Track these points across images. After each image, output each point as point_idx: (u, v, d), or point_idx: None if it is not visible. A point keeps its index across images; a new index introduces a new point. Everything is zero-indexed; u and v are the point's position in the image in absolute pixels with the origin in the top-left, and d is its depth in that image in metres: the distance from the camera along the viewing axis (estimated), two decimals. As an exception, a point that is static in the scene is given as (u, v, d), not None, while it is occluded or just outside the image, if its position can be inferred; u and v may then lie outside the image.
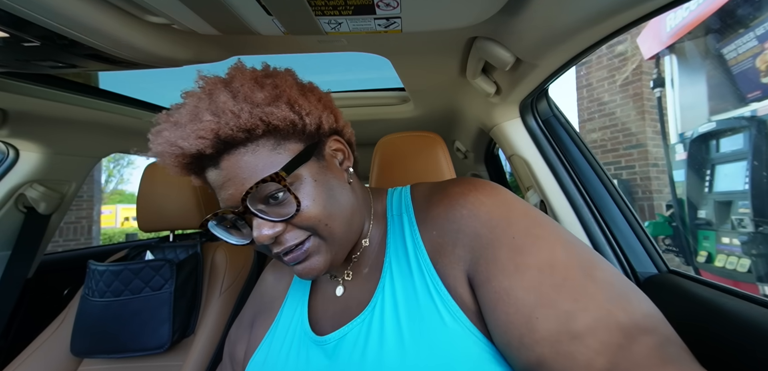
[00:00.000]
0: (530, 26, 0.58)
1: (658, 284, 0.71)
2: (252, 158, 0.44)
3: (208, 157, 0.44)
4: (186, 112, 0.43)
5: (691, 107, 3.03)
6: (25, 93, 0.87)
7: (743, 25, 2.60)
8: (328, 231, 0.47)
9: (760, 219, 2.23)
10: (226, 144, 0.43)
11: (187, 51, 0.71)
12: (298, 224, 0.45)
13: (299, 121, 0.46)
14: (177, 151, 0.43)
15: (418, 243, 0.50)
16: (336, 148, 0.52)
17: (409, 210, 0.54)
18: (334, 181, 0.49)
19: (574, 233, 0.82)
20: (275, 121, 0.43)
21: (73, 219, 4.86)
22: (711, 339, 0.53)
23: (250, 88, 0.44)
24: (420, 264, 0.48)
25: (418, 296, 0.46)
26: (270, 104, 0.44)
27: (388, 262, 0.51)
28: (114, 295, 0.99)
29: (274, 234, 0.44)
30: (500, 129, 1.00)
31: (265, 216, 0.44)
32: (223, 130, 0.41)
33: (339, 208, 0.48)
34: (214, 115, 0.42)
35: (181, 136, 0.42)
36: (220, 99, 0.43)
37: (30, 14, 0.49)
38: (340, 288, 0.56)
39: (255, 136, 0.44)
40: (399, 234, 0.53)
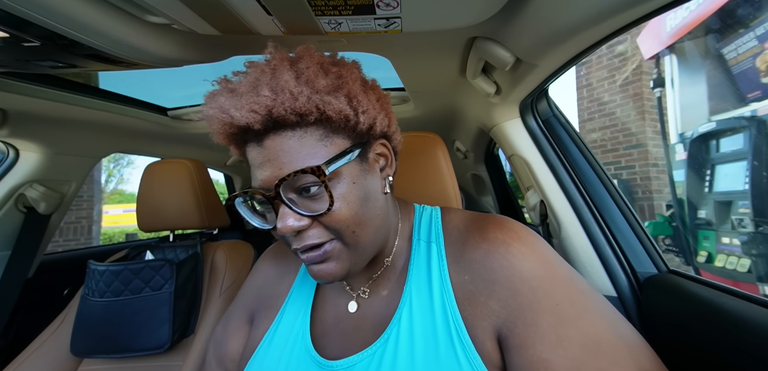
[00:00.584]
0: (530, 26, 0.58)
1: (658, 284, 0.71)
2: (297, 144, 0.42)
3: (254, 131, 0.42)
4: (246, 82, 0.42)
5: (691, 107, 3.02)
6: (25, 93, 0.87)
7: (743, 25, 2.60)
8: (353, 238, 0.44)
9: (760, 219, 2.23)
10: (275, 123, 0.41)
11: (187, 51, 0.71)
12: (326, 223, 0.43)
13: (353, 117, 0.44)
14: (226, 119, 0.42)
15: (446, 282, 0.47)
16: (381, 153, 0.50)
17: (440, 242, 0.51)
18: (372, 187, 0.47)
19: (575, 233, 0.83)
20: (330, 111, 0.42)
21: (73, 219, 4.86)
22: (711, 339, 0.53)
23: (315, 73, 0.43)
24: (445, 305, 0.45)
25: (439, 338, 0.44)
26: (330, 93, 0.42)
27: (408, 292, 0.48)
28: (114, 295, 0.99)
29: (299, 227, 0.42)
30: (500, 129, 1.00)
31: (295, 207, 0.42)
32: (278, 109, 0.40)
33: (370, 217, 0.45)
34: (272, 91, 0.41)
35: (234, 105, 0.41)
36: (283, 77, 0.41)
37: (30, 14, 0.49)
38: (353, 304, 0.52)
39: (306, 121, 0.42)
40: (424, 264, 0.50)
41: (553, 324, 0.40)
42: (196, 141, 1.47)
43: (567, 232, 0.84)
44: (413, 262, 0.51)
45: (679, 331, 0.60)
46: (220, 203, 1.23)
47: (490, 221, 0.49)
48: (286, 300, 0.58)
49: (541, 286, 0.42)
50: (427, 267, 0.49)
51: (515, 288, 0.42)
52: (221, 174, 2.21)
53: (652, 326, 0.68)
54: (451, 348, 0.43)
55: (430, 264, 0.49)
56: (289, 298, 0.57)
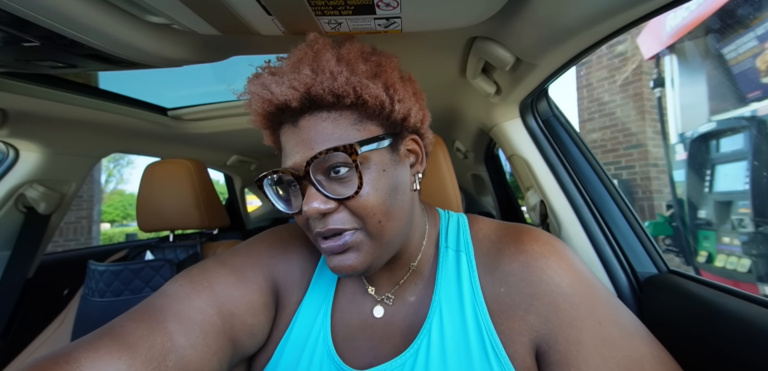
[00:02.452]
0: (530, 26, 0.58)
1: (658, 284, 0.71)
2: (331, 126, 0.42)
3: (291, 110, 0.43)
4: (289, 63, 0.44)
5: (691, 107, 3.02)
6: (25, 93, 0.87)
7: (743, 25, 2.60)
8: (378, 228, 0.43)
9: (760, 219, 2.23)
10: (312, 102, 0.42)
11: (187, 51, 0.71)
12: (352, 208, 0.42)
13: (389, 104, 0.44)
14: (266, 95, 0.42)
15: (478, 293, 0.46)
16: (412, 149, 0.49)
17: (470, 251, 0.50)
18: (401, 180, 0.46)
19: (575, 233, 0.83)
20: (367, 95, 0.42)
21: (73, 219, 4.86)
22: (711, 339, 0.53)
23: (355, 57, 0.44)
24: (477, 316, 0.45)
25: (471, 349, 0.43)
26: (368, 78, 0.43)
27: (438, 300, 0.47)
28: (114, 295, 0.99)
29: (325, 210, 0.41)
30: (500, 129, 1.00)
31: (323, 189, 0.41)
32: (316, 88, 0.41)
33: (397, 209, 0.44)
34: (313, 71, 0.42)
35: (275, 81, 0.42)
36: (325, 57, 0.43)
37: (30, 14, 0.49)
38: (379, 309, 0.50)
39: (342, 103, 0.42)
40: (454, 273, 0.49)
41: (597, 344, 0.40)
42: (196, 141, 1.47)
43: (567, 232, 0.84)
44: (441, 270, 0.50)
45: (679, 331, 0.60)
46: (220, 203, 1.23)
47: (525, 233, 0.48)
48: (304, 298, 0.53)
49: (583, 303, 0.42)
50: (457, 276, 0.48)
51: (556, 304, 0.42)
52: (221, 174, 2.21)
53: (652, 326, 0.68)
54: (485, 360, 0.42)
55: (460, 274, 0.48)
56: (307, 298, 0.53)
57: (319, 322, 0.50)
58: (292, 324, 0.51)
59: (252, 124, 0.48)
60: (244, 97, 0.47)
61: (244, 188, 2.40)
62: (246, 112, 0.53)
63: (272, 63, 0.47)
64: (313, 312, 0.51)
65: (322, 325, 0.50)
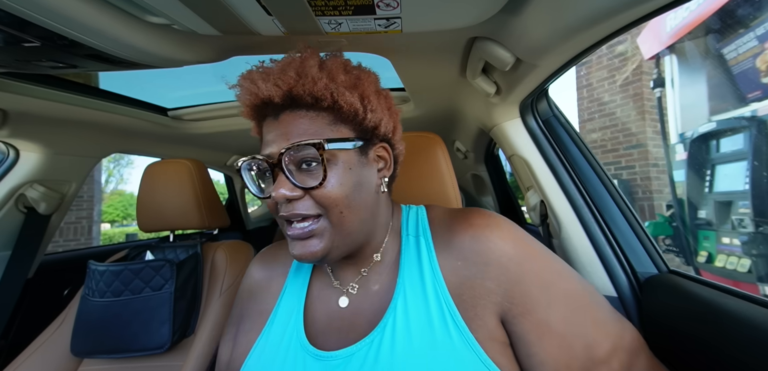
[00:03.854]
0: (530, 26, 0.58)
1: (658, 284, 0.71)
2: (308, 123, 0.48)
3: (273, 105, 0.49)
4: (278, 65, 0.50)
5: (691, 107, 3.02)
6: (25, 93, 0.87)
7: (743, 25, 2.60)
8: (340, 218, 0.48)
9: (760, 220, 2.23)
10: (293, 100, 0.48)
11: (187, 51, 0.71)
12: (316, 198, 0.47)
13: (362, 112, 0.50)
14: (253, 89, 0.49)
15: (437, 271, 0.51)
16: (381, 155, 0.55)
17: (427, 235, 0.55)
18: (366, 180, 0.51)
19: (575, 233, 0.83)
20: (342, 101, 0.48)
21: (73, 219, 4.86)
22: (711, 339, 0.53)
23: (337, 69, 0.50)
24: (437, 293, 0.49)
25: (434, 324, 0.47)
26: (346, 87, 0.49)
27: (402, 283, 0.52)
28: (114, 295, 0.99)
29: (290, 196, 0.46)
30: (500, 129, 1.00)
31: (292, 177, 0.47)
32: (298, 88, 0.47)
33: (359, 204, 0.50)
34: (297, 74, 0.48)
35: (262, 78, 0.48)
36: (309, 64, 0.49)
37: (30, 14, 0.49)
38: (344, 300, 0.55)
39: (320, 105, 0.48)
40: (415, 257, 0.54)
41: (541, 289, 0.48)
42: (196, 141, 1.47)
43: (567, 232, 0.84)
44: (404, 256, 0.54)
45: (679, 331, 0.60)
46: (220, 203, 1.23)
47: (472, 211, 0.55)
48: (277, 303, 0.60)
49: (525, 260, 0.49)
50: (418, 259, 0.53)
51: (504, 266, 0.48)
52: (221, 174, 2.21)
53: (652, 326, 0.68)
54: (445, 331, 0.47)
55: (421, 256, 0.53)
56: (281, 301, 0.59)
57: (293, 318, 0.56)
58: (270, 322, 0.58)
59: (242, 114, 0.54)
60: (236, 89, 0.53)
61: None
62: None
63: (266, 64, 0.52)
64: (288, 312, 0.57)
65: (297, 320, 0.55)
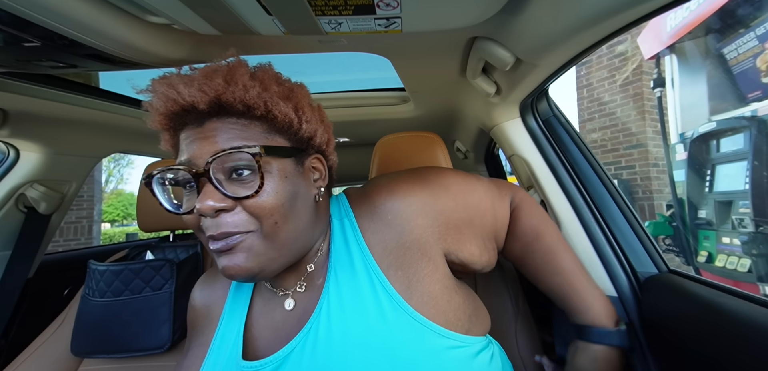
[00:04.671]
0: (530, 26, 0.58)
1: (658, 284, 0.71)
2: (239, 130, 0.44)
3: (196, 113, 0.44)
4: (201, 71, 0.45)
5: (691, 107, 3.02)
6: (25, 93, 0.87)
7: (743, 25, 2.59)
8: (274, 229, 0.44)
9: (760, 219, 2.22)
10: (221, 108, 0.43)
11: (187, 51, 0.71)
12: (250, 208, 0.43)
13: (297, 122, 0.48)
14: (172, 94, 0.43)
15: (362, 244, 0.52)
16: (315, 166, 0.53)
17: (350, 214, 0.56)
18: (302, 191, 0.49)
19: (575, 233, 0.83)
20: (276, 111, 0.45)
21: (73, 219, 4.87)
22: (711, 339, 0.53)
23: (269, 79, 0.47)
24: (366, 267, 0.51)
25: (364, 294, 0.48)
26: (279, 97, 0.46)
27: (333, 266, 0.52)
28: (114, 295, 0.99)
29: (220, 207, 0.42)
30: (500, 129, 1.00)
31: (221, 186, 0.42)
32: (227, 95, 0.42)
33: (294, 215, 0.47)
34: (225, 81, 0.43)
35: (184, 82, 0.43)
36: (239, 71, 0.45)
37: (30, 14, 0.49)
38: (290, 302, 0.53)
39: (252, 114, 0.45)
40: (341, 240, 0.54)
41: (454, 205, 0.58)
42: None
43: (567, 232, 0.84)
44: (333, 242, 0.55)
45: (679, 331, 0.60)
46: (220, 203, 1.23)
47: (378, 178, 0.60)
48: (219, 323, 0.57)
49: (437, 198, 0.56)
50: (344, 238, 0.54)
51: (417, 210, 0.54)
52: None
53: (652, 326, 0.68)
54: (375, 298, 0.48)
55: (346, 234, 0.54)
56: (219, 329, 0.56)
57: (233, 337, 0.53)
58: (208, 356, 0.55)
59: (151, 124, 0.48)
60: (146, 95, 0.47)
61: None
62: None
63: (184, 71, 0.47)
64: (227, 336, 0.54)
65: (235, 343, 0.52)
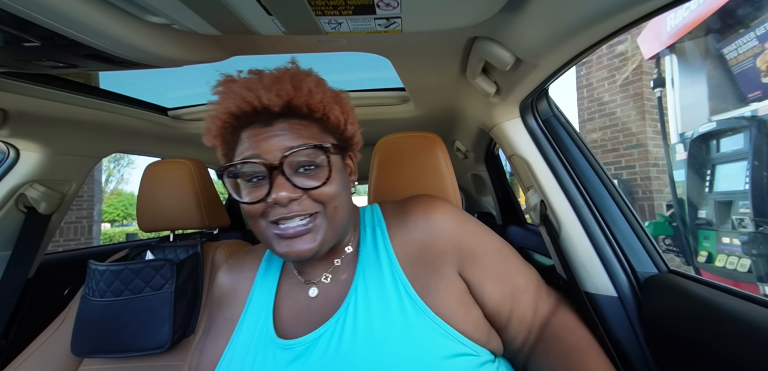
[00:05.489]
0: (530, 26, 0.58)
1: (658, 284, 0.71)
2: (303, 130, 0.53)
3: (268, 114, 0.51)
4: (270, 76, 0.53)
5: (691, 107, 3.02)
6: (25, 93, 0.87)
7: (743, 25, 2.60)
8: (334, 213, 0.54)
9: (760, 219, 2.23)
10: (290, 110, 0.52)
11: (187, 51, 0.71)
12: (316, 196, 0.52)
13: (343, 124, 0.57)
14: (250, 97, 0.50)
15: (391, 252, 0.59)
16: (349, 163, 0.63)
17: (382, 224, 0.63)
18: (346, 182, 0.59)
19: (575, 233, 0.83)
20: (330, 114, 0.54)
21: (73, 219, 4.87)
22: (711, 339, 0.54)
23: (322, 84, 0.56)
24: (392, 271, 0.57)
25: (390, 297, 0.54)
26: (333, 102, 0.55)
27: (361, 267, 0.58)
28: (114, 295, 0.99)
29: (293, 197, 0.50)
30: (500, 129, 1.00)
31: (291, 179, 0.50)
32: (297, 99, 0.51)
33: (345, 200, 0.57)
34: (294, 87, 0.52)
35: (262, 87, 0.50)
36: (306, 79, 0.54)
37: (30, 14, 0.49)
38: (314, 290, 0.60)
39: (313, 116, 0.54)
40: (372, 244, 0.61)
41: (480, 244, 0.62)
42: (196, 141, 1.47)
43: (567, 232, 0.84)
44: (362, 245, 0.61)
45: (679, 331, 0.60)
46: (220, 203, 1.23)
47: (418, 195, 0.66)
48: (245, 307, 0.62)
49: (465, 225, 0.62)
50: (374, 245, 0.61)
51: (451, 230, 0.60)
52: (221, 174, 2.21)
53: (652, 326, 0.68)
54: (399, 302, 0.53)
55: (377, 242, 0.61)
56: (249, 304, 0.62)
57: (262, 318, 0.59)
58: (238, 327, 0.60)
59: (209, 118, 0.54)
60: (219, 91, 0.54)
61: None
62: None
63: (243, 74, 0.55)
64: (258, 312, 0.60)
65: (266, 318, 0.58)
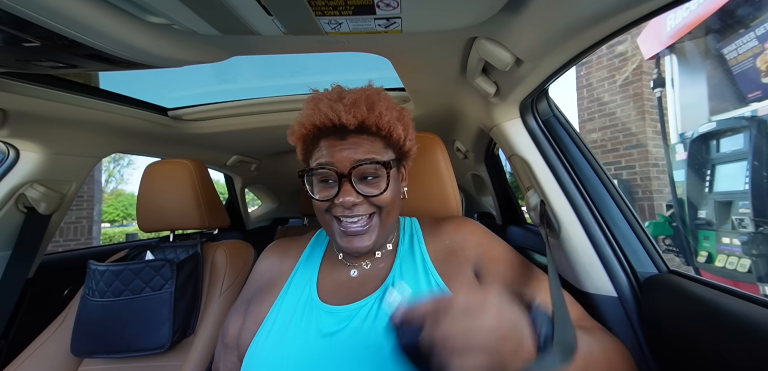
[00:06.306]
0: (530, 26, 0.58)
1: (658, 284, 0.71)
2: (369, 145, 0.62)
3: (345, 129, 0.61)
4: (350, 98, 0.62)
5: (691, 107, 3.02)
6: (25, 93, 0.87)
7: (743, 25, 2.60)
8: (387, 216, 0.65)
9: (760, 220, 2.23)
10: (362, 128, 0.61)
11: (187, 51, 0.71)
12: (374, 202, 0.62)
13: (403, 141, 0.66)
14: (332, 115, 0.59)
15: (425, 254, 0.69)
16: (402, 172, 0.72)
17: (418, 233, 0.74)
18: (399, 190, 0.69)
19: (575, 233, 0.83)
20: (394, 132, 0.63)
21: (73, 219, 4.87)
22: (711, 339, 0.54)
23: (390, 105, 0.65)
24: (425, 267, 0.67)
25: (421, 284, 0.64)
26: (397, 121, 0.64)
27: (399, 260, 0.69)
28: (114, 295, 0.99)
29: (355, 202, 0.60)
30: (500, 129, 1.00)
31: (356, 186, 0.60)
32: (369, 120, 0.60)
33: (396, 207, 0.67)
34: (368, 109, 0.61)
35: (343, 109, 0.60)
36: (380, 102, 0.62)
37: (30, 14, 0.49)
38: (355, 271, 0.70)
39: (380, 134, 0.63)
40: (408, 246, 0.72)
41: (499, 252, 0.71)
42: (196, 141, 1.47)
43: (567, 232, 0.84)
44: (400, 246, 0.72)
45: (679, 331, 0.60)
46: (220, 203, 1.23)
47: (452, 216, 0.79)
48: (290, 277, 0.71)
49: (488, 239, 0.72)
50: (411, 247, 0.72)
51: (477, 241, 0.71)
52: (221, 174, 2.21)
53: (652, 326, 0.68)
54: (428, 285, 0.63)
55: (413, 245, 0.72)
56: (294, 275, 0.71)
57: (307, 287, 0.68)
58: (283, 292, 0.69)
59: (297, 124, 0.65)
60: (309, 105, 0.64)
61: (244, 188, 2.40)
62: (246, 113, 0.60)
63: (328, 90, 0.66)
64: (303, 284, 0.69)
65: (311, 288, 0.68)
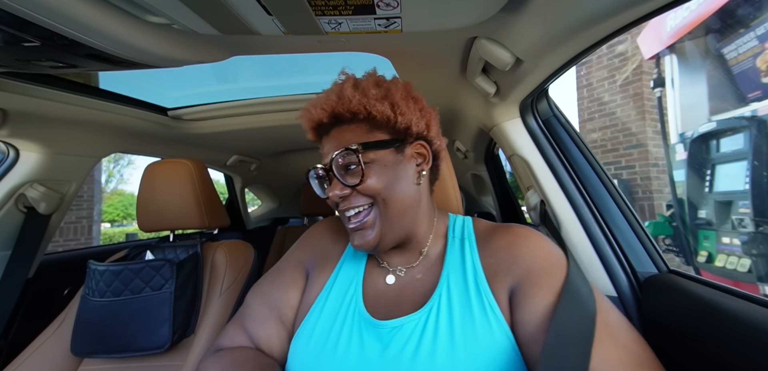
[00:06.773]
0: (530, 26, 0.58)
1: (658, 284, 0.71)
2: (350, 134, 0.58)
3: (325, 125, 0.60)
4: (324, 93, 0.61)
5: (691, 107, 3.02)
6: (25, 93, 0.87)
7: (743, 25, 2.60)
8: (383, 205, 0.58)
9: (760, 219, 2.23)
10: (336, 118, 0.59)
11: (187, 51, 0.71)
12: (362, 191, 0.57)
13: (393, 117, 0.58)
14: (308, 115, 0.61)
15: (478, 266, 0.59)
16: (419, 152, 0.62)
17: (472, 239, 0.64)
18: (403, 173, 0.60)
19: (574, 233, 0.83)
20: (374, 111, 0.57)
21: (73, 219, 4.87)
22: (711, 339, 0.54)
23: (369, 86, 0.59)
24: (477, 284, 0.57)
25: (473, 309, 0.55)
26: (377, 99, 0.57)
27: (446, 274, 0.60)
28: (114, 295, 0.99)
29: (341, 195, 0.57)
30: (500, 129, 1.00)
31: (341, 179, 0.57)
32: (338, 108, 0.58)
33: (398, 194, 0.59)
34: (337, 97, 0.58)
35: (314, 106, 0.60)
36: (345, 86, 0.59)
37: (30, 14, 0.49)
38: (391, 277, 0.64)
39: (357, 118, 0.58)
40: (459, 254, 0.62)
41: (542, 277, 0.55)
42: (196, 141, 1.47)
43: (567, 232, 0.84)
44: (449, 253, 0.63)
45: (679, 331, 0.60)
46: (220, 203, 1.23)
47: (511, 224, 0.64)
48: (338, 265, 0.67)
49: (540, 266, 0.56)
50: (461, 256, 0.62)
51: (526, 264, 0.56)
52: (221, 174, 2.21)
53: (652, 326, 0.68)
54: (483, 313, 0.54)
55: (464, 254, 0.62)
56: (341, 265, 0.67)
57: (352, 289, 0.63)
58: (328, 285, 0.65)
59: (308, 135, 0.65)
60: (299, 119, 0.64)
61: (244, 188, 2.40)
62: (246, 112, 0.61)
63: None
64: (348, 281, 0.65)
65: (356, 291, 0.63)
